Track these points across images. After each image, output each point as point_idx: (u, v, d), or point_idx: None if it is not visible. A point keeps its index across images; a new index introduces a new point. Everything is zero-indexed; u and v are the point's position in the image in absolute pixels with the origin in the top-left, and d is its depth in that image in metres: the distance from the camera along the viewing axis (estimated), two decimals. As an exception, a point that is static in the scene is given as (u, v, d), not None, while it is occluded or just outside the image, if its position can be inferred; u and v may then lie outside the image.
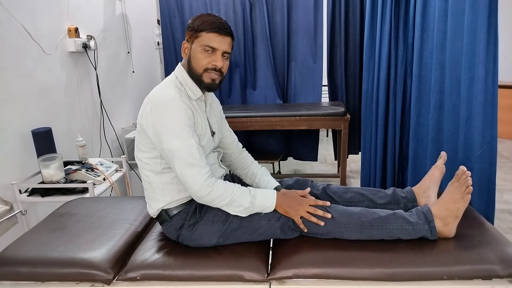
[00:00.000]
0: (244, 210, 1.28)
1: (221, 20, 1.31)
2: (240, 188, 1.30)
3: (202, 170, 1.24)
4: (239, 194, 1.28)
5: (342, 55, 3.11)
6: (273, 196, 1.31)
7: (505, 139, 4.33)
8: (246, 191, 1.30)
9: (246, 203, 1.27)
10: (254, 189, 1.33)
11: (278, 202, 1.30)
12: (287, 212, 1.30)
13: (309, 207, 1.29)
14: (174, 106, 1.24)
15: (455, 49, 1.73)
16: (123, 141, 2.81)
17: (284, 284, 1.20)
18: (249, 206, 1.28)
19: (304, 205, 1.30)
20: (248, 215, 1.30)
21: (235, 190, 1.28)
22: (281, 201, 1.31)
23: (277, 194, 1.33)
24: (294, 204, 1.30)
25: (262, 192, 1.33)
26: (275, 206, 1.30)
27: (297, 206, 1.29)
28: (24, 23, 1.91)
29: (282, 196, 1.33)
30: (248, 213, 1.29)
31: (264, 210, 1.31)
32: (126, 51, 2.99)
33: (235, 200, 1.27)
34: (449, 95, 1.79)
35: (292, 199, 1.32)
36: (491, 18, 1.49)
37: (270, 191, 1.34)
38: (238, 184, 1.33)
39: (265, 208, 1.30)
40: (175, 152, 1.23)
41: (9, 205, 1.73)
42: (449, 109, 1.79)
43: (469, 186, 1.24)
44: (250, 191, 1.30)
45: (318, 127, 3.01)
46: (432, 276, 1.15)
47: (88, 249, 1.29)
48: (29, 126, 1.93)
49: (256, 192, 1.31)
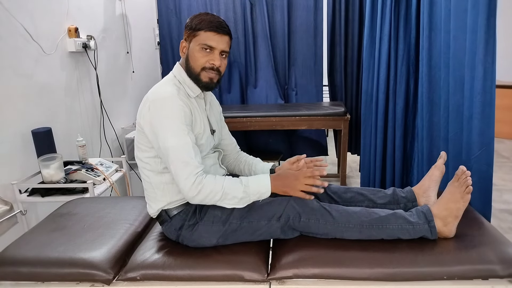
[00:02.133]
0: (240, 201, 1.26)
1: (219, 19, 1.31)
2: (230, 180, 1.27)
3: (195, 169, 1.22)
4: (230, 186, 1.25)
5: (342, 55, 3.11)
6: (267, 180, 1.28)
7: (505, 139, 4.33)
8: (237, 181, 1.27)
9: (239, 193, 1.25)
10: (245, 178, 1.29)
11: (273, 185, 1.28)
12: (285, 191, 1.28)
13: (306, 178, 1.27)
14: (171, 103, 1.24)
15: (458, 48, 1.73)
16: (123, 141, 2.81)
17: (284, 284, 1.20)
18: (244, 196, 1.25)
19: (300, 178, 1.27)
20: (246, 205, 1.27)
21: (225, 183, 1.24)
22: (276, 183, 1.28)
23: (271, 177, 1.30)
24: (290, 181, 1.28)
25: (254, 179, 1.29)
26: (271, 189, 1.28)
27: (293, 182, 1.27)
28: (24, 23, 1.91)
29: (276, 178, 1.30)
30: (245, 203, 1.27)
31: (262, 196, 1.28)
32: (125, 51, 2.99)
33: (227, 193, 1.24)
34: (453, 95, 1.79)
35: (287, 177, 1.29)
36: (490, 18, 1.49)
37: (263, 176, 1.30)
38: (228, 176, 1.30)
39: (262, 194, 1.27)
40: (170, 149, 1.22)
41: (9, 205, 1.73)
42: (453, 109, 1.79)
43: (469, 186, 1.24)
44: (242, 181, 1.27)
45: (318, 127, 3.01)
46: (432, 276, 1.15)
47: (88, 249, 1.29)
48: (29, 126, 1.93)
49: (248, 180, 1.28)
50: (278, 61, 3.25)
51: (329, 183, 1.51)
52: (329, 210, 1.29)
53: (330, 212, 1.28)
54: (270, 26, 3.16)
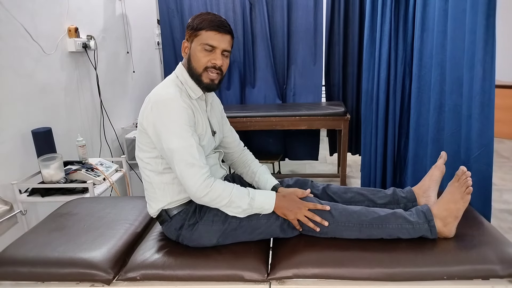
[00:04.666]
0: (243, 211, 1.28)
1: (220, 18, 1.31)
2: (238, 189, 1.29)
3: (201, 170, 1.23)
4: (237, 195, 1.27)
5: (340, 55, 3.11)
6: (272, 198, 1.30)
7: (505, 139, 4.33)
8: (245, 192, 1.29)
9: (244, 204, 1.27)
10: (253, 190, 1.32)
11: (277, 205, 1.30)
12: (285, 214, 1.29)
13: (307, 211, 1.28)
14: (175, 105, 1.24)
15: (456, 48, 1.73)
16: (123, 141, 2.81)
17: (284, 284, 1.20)
18: (247, 208, 1.27)
19: (302, 208, 1.29)
20: (245, 216, 1.29)
21: (233, 191, 1.26)
22: (280, 204, 1.30)
23: (276, 196, 1.31)
24: (293, 207, 1.29)
25: (261, 193, 1.32)
26: (274, 208, 1.30)
27: (295, 210, 1.29)
28: (24, 23, 1.92)
29: (282, 199, 1.31)
30: (246, 214, 1.29)
31: (263, 212, 1.30)
32: (125, 51, 2.99)
33: (234, 201, 1.26)
34: (449, 95, 1.79)
35: (291, 202, 1.31)
36: (489, 18, 1.49)
37: (270, 193, 1.33)
38: (237, 184, 1.32)
39: (264, 210, 1.29)
40: (175, 151, 1.22)
41: (9, 205, 1.73)
42: (450, 109, 1.79)
43: (469, 186, 1.24)
44: (249, 193, 1.29)
45: (318, 127, 3.01)
46: (432, 276, 1.15)
47: (88, 249, 1.29)
48: (29, 126, 1.93)
49: (255, 194, 1.30)
50: (278, 61, 3.26)
51: (329, 183, 1.52)
52: (327, 218, 1.28)
53: (330, 211, 1.28)
54: (269, 26, 3.16)
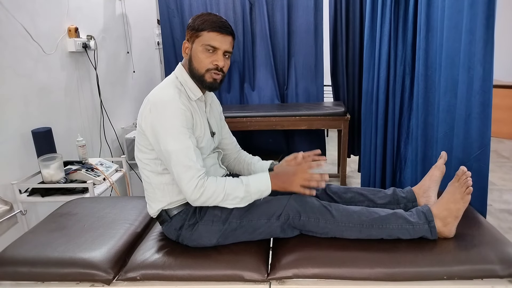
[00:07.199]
0: (241, 200, 1.27)
1: (221, 19, 1.31)
2: (231, 181, 1.28)
3: (197, 173, 1.23)
4: (231, 186, 1.26)
5: (343, 55, 3.11)
6: (266, 178, 1.29)
7: (505, 139, 4.32)
8: (238, 182, 1.28)
9: (241, 193, 1.26)
10: (246, 177, 1.31)
11: (273, 182, 1.29)
12: (285, 188, 1.29)
13: (304, 173, 1.28)
14: (173, 107, 1.24)
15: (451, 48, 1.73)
16: (123, 141, 2.81)
17: (284, 284, 1.20)
18: (245, 195, 1.26)
19: (298, 173, 1.28)
20: (247, 204, 1.28)
21: (226, 184, 1.26)
22: (275, 180, 1.29)
23: (270, 174, 1.31)
24: (288, 177, 1.29)
25: (254, 178, 1.31)
26: (271, 187, 1.29)
27: (291, 178, 1.28)
28: (24, 23, 1.92)
29: (275, 175, 1.31)
30: (247, 202, 1.28)
31: (263, 195, 1.29)
32: (126, 51, 2.99)
33: (229, 193, 1.25)
34: (443, 95, 1.79)
35: (285, 174, 1.31)
36: (489, 18, 1.49)
37: (262, 174, 1.32)
38: (229, 177, 1.31)
39: (262, 192, 1.28)
40: (172, 153, 1.22)
41: (9, 205, 1.73)
42: (444, 109, 1.79)
43: (469, 186, 1.24)
44: (242, 181, 1.28)
45: (318, 127, 3.01)
46: (432, 276, 1.15)
47: (88, 249, 1.29)
48: (29, 126, 1.93)
49: (249, 180, 1.29)
50: (278, 61, 3.25)
51: (329, 183, 1.51)
52: (329, 209, 1.29)
53: (330, 211, 1.28)
54: (270, 26, 3.16)
